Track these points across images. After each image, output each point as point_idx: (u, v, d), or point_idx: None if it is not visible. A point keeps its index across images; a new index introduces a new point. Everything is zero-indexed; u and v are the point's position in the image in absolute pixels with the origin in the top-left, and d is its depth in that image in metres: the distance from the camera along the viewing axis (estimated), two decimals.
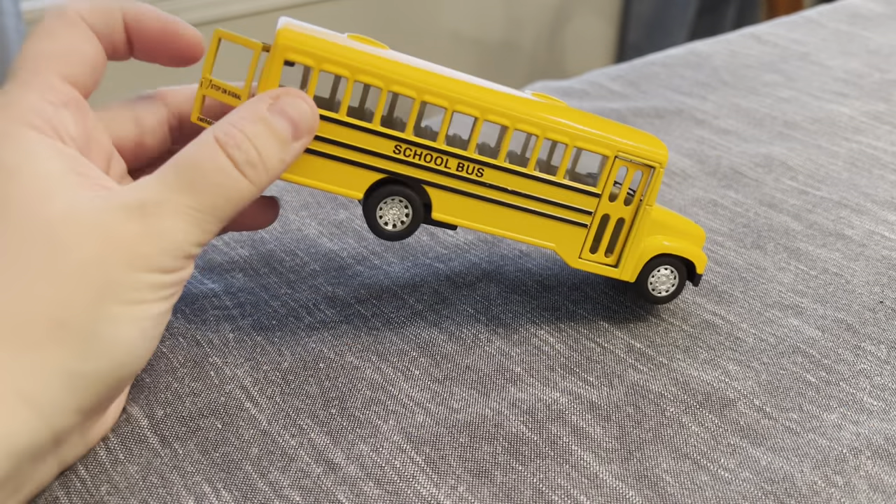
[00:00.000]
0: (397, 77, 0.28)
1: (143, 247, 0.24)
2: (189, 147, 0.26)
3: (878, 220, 0.42)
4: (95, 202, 0.24)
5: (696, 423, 0.30)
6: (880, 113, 0.53)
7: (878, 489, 0.27)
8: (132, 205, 0.24)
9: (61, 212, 0.24)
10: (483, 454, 0.28)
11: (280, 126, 0.26)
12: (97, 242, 0.24)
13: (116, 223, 0.24)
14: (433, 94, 0.29)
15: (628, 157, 0.31)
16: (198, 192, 0.25)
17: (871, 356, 0.33)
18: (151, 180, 0.25)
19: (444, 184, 0.30)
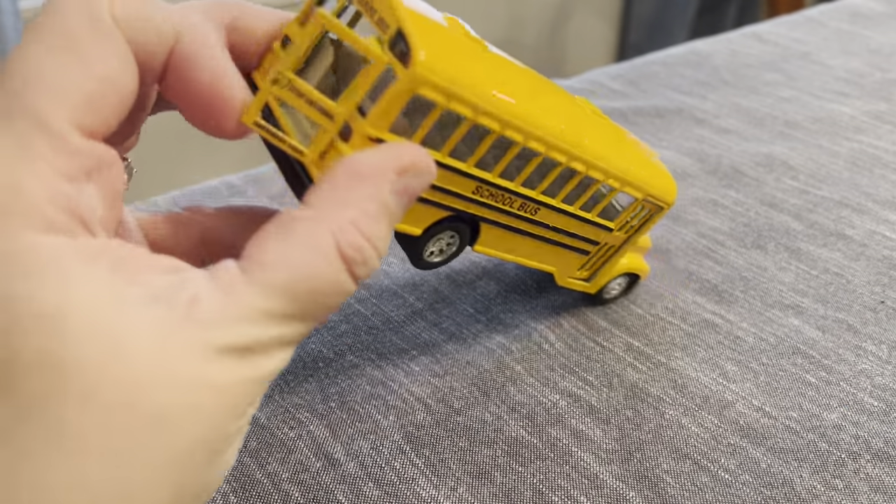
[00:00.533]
0: (515, 122, 0.24)
1: (250, 396, 0.19)
2: (304, 259, 0.19)
3: (880, 219, 0.42)
4: (187, 347, 0.17)
5: (695, 424, 0.30)
6: (881, 112, 0.53)
7: (878, 491, 0.27)
8: (238, 347, 0.18)
9: (147, 373, 0.17)
10: (483, 457, 0.28)
11: (401, 208, 0.21)
12: (206, 411, 0.18)
13: (223, 376, 0.18)
14: (538, 139, 0.25)
15: (653, 199, 0.31)
16: (311, 318, 0.19)
17: (871, 356, 0.33)
18: (254, 303, 0.18)
19: (501, 221, 0.28)
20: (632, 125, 0.52)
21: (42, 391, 0.16)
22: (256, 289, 0.18)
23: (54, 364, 0.16)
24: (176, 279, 0.18)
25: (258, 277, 0.18)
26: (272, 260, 0.19)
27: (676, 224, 0.41)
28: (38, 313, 0.15)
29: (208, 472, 0.18)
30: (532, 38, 1.43)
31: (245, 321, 0.18)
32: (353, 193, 0.19)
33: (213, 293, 0.18)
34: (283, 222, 0.19)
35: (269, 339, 0.18)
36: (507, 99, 0.24)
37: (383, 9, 0.21)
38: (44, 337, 0.15)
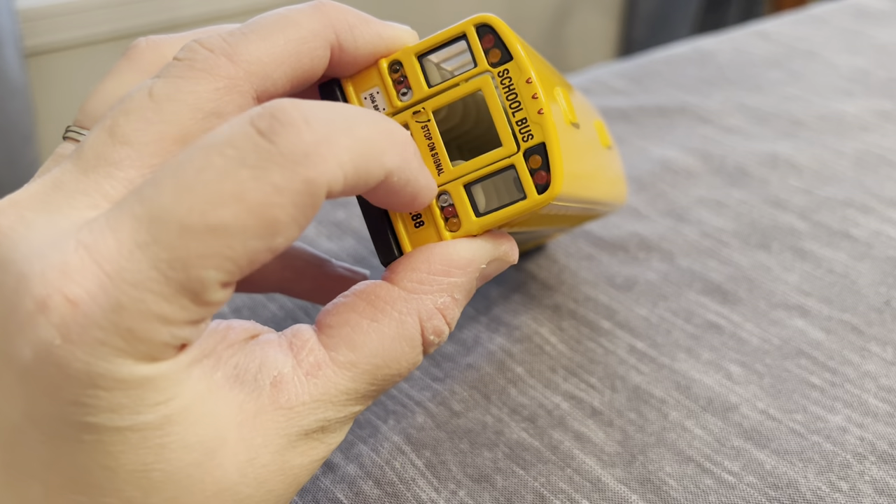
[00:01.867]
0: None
1: (315, 471, 0.20)
2: (387, 339, 0.19)
3: (885, 219, 0.42)
4: (271, 436, 0.17)
5: (699, 426, 0.29)
6: (887, 111, 0.52)
7: (883, 493, 0.27)
8: (314, 430, 0.18)
9: (233, 474, 0.17)
10: (484, 459, 0.28)
11: (473, 289, 0.21)
12: (276, 493, 0.18)
13: (299, 460, 0.18)
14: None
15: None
16: (380, 389, 0.19)
17: (877, 358, 0.33)
18: (335, 386, 0.18)
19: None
20: (635, 124, 0.52)
21: (133, 499, 0.16)
22: (344, 373, 0.18)
23: (148, 475, 0.16)
24: (256, 354, 0.18)
25: (347, 360, 0.18)
26: (362, 343, 0.18)
27: (680, 223, 0.41)
28: (143, 429, 0.16)
29: None
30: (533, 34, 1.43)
31: (328, 405, 0.18)
32: (448, 280, 0.20)
33: (298, 375, 0.18)
34: (372, 301, 0.19)
35: (344, 418, 0.19)
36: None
37: (532, 114, 0.19)
38: (144, 452, 0.16)
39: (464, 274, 0.20)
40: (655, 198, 0.43)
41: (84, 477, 0.16)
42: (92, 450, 0.16)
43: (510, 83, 0.20)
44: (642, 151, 0.48)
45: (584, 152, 0.24)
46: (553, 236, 0.36)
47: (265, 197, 0.15)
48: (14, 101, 0.86)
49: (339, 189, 0.16)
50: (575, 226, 0.34)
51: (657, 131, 0.51)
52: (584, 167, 0.22)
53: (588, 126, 0.25)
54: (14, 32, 0.85)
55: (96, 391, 0.15)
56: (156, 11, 1.00)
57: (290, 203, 0.15)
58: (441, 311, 0.19)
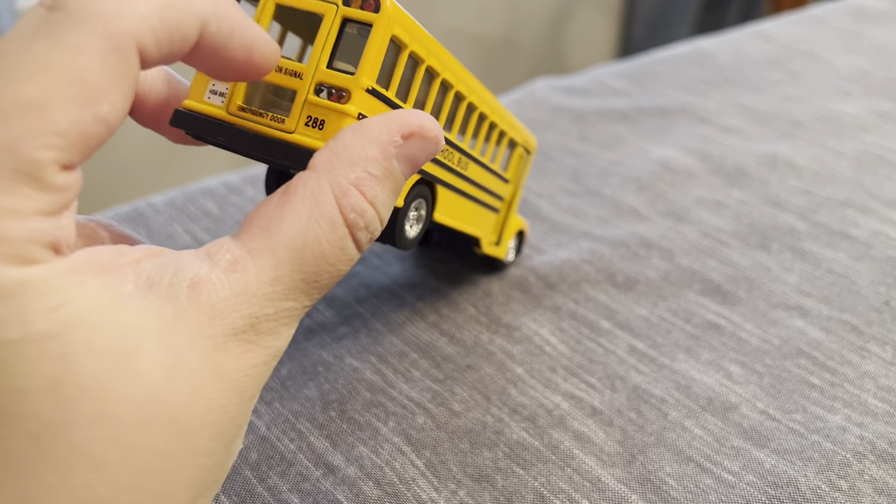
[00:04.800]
0: (449, 62, 0.24)
1: (260, 378, 0.18)
2: (307, 224, 0.18)
3: (884, 219, 0.42)
4: (196, 339, 0.17)
5: (699, 426, 0.29)
6: (886, 111, 0.53)
7: (882, 493, 0.27)
8: (243, 328, 0.17)
9: (157, 380, 0.16)
10: (484, 459, 0.28)
11: (404, 175, 0.20)
12: (219, 403, 0.17)
13: (234, 363, 0.17)
14: (462, 82, 0.26)
15: (526, 146, 0.34)
16: (316, 288, 0.18)
17: (876, 358, 0.33)
18: (260, 277, 0.17)
19: (449, 181, 0.27)
20: (635, 124, 0.52)
21: (51, 419, 0.15)
22: (262, 261, 0.17)
23: (60, 389, 0.15)
24: (169, 262, 0.17)
25: (264, 247, 0.17)
26: (276, 227, 0.18)
27: (680, 223, 0.41)
28: (39, 339, 0.15)
29: (224, 464, 0.18)
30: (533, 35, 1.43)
31: (253, 299, 0.17)
32: (359, 153, 0.19)
33: (216, 273, 0.17)
34: (287, 188, 0.18)
35: (276, 315, 0.18)
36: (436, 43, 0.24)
37: None
38: (47, 363, 0.15)
39: (377, 146, 0.19)
40: (655, 198, 0.43)
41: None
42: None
43: None
44: (642, 152, 0.48)
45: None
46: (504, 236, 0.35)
47: (69, 61, 0.15)
48: None
49: (151, 43, 0.16)
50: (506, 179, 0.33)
51: (657, 132, 0.51)
52: (413, 20, 0.23)
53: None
54: None
55: None
56: None
57: (99, 63, 0.15)
58: (357, 186, 0.18)
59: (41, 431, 0.15)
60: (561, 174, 0.46)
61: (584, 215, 0.42)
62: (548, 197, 0.44)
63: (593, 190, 0.44)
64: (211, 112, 0.21)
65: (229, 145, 0.22)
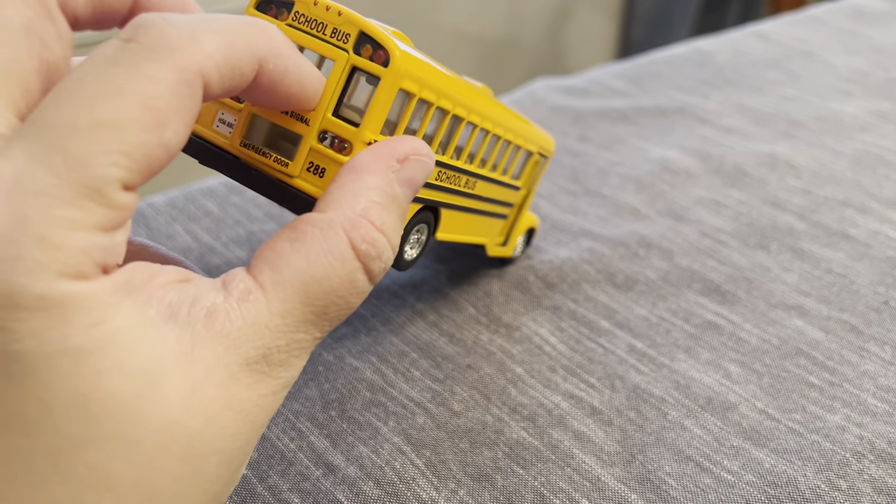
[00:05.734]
0: (459, 97, 0.25)
1: (270, 409, 0.18)
2: (317, 258, 0.18)
3: (883, 219, 0.42)
4: (212, 366, 0.17)
5: (698, 426, 0.30)
6: (885, 112, 0.53)
7: (881, 492, 0.27)
8: (256, 359, 0.18)
9: (176, 403, 0.16)
10: (484, 459, 0.28)
11: (406, 199, 0.20)
12: (231, 431, 0.17)
13: (246, 393, 0.18)
14: (473, 111, 0.26)
15: (540, 151, 0.33)
16: (327, 320, 0.19)
17: (875, 357, 0.33)
18: (271, 310, 0.18)
19: (455, 203, 0.27)
20: (634, 124, 0.52)
21: (73, 435, 0.15)
22: (272, 294, 0.18)
23: (86, 407, 0.15)
24: (189, 291, 0.17)
25: (272, 281, 0.18)
26: (286, 263, 0.18)
27: (680, 223, 0.41)
28: (75, 355, 0.15)
29: (227, 489, 0.18)
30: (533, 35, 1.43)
31: (265, 330, 0.18)
32: (360, 185, 0.19)
33: (229, 302, 0.17)
34: (296, 226, 0.19)
35: (287, 346, 0.18)
36: (447, 74, 0.24)
37: (336, 20, 0.21)
38: (79, 379, 0.15)
39: (375, 175, 0.20)
40: (655, 198, 0.43)
41: (20, 414, 0.15)
42: (23, 382, 0.15)
43: (309, 18, 0.22)
44: (642, 152, 0.48)
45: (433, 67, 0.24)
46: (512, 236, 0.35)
47: (143, 88, 0.16)
48: None
49: (215, 78, 0.17)
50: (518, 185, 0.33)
51: (656, 132, 0.51)
52: (425, 63, 0.23)
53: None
54: None
55: (18, 313, 0.15)
56: None
57: (168, 92, 0.16)
58: (364, 216, 0.19)
59: (61, 447, 0.15)
60: (560, 174, 0.46)
61: (583, 214, 0.42)
62: (547, 197, 0.44)
63: (593, 190, 0.44)
64: (219, 142, 0.22)
65: (233, 176, 0.22)
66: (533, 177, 0.34)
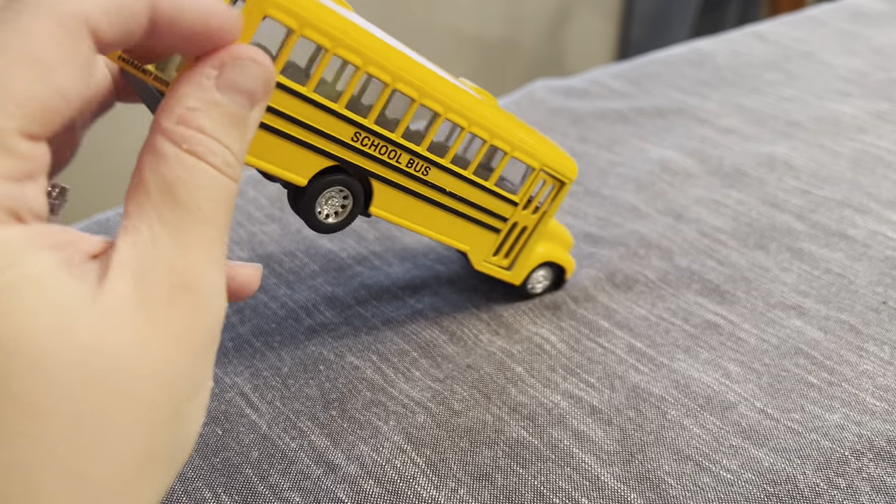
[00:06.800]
0: (378, 58, 0.25)
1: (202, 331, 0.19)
2: (159, 168, 0.19)
3: (882, 219, 0.42)
4: (124, 298, 0.18)
5: (697, 425, 0.30)
6: (883, 112, 0.53)
7: (880, 491, 0.27)
8: (162, 277, 0.19)
9: (89, 334, 0.17)
10: (483, 458, 0.28)
11: (237, 105, 0.21)
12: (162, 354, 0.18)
13: (165, 312, 0.18)
14: (406, 83, 0.26)
15: (550, 171, 0.32)
16: (205, 211, 0.20)
17: (874, 357, 0.33)
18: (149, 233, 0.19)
19: (391, 178, 0.28)
20: (633, 125, 0.52)
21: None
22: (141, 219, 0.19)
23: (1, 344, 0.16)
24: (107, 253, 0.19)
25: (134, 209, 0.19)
26: (137, 183, 0.19)
27: (679, 223, 0.41)
28: None
29: (178, 429, 0.19)
30: (532, 37, 1.43)
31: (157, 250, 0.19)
32: (172, 97, 0.20)
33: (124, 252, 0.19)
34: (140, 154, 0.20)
35: (185, 257, 0.19)
36: (373, 34, 0.25)
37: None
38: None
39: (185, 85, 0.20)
40: (654, 198, 0.44)
41: None
42: None
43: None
44: (641, 152, 0.48)
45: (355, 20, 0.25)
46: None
47: (22, 42, 0.17)
48: None
49: (104, 23, 0.18)
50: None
51: (656, 132, 0.51)
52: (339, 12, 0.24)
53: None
54: None
55: None
56: None
57: (50, 42, 0.17)
58: (186, 123, 0.20)
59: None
60: None
61: (583, 215, 0.42)
62: None
63: (592, 190, 0.45)
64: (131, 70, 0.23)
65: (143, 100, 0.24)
66: (529, 195, 0.33)
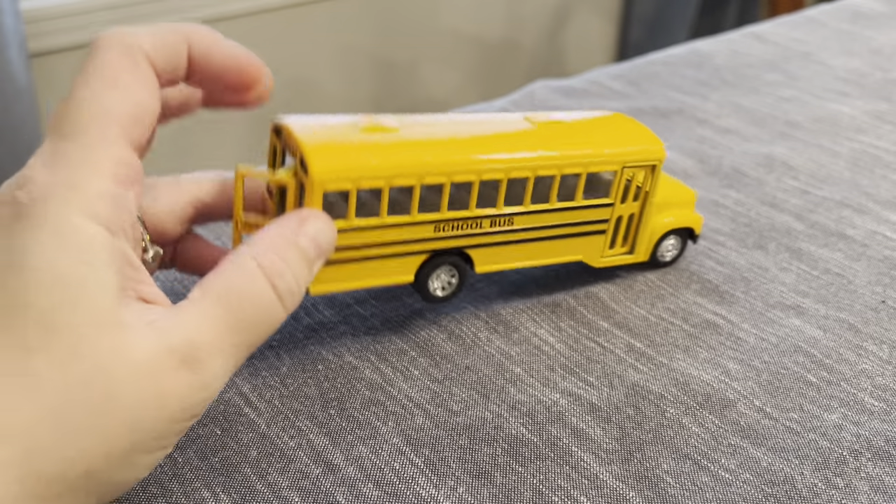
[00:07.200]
0: (428, 169, 0.29)
1: (190, 399, 0.22)
2: (232, 275, 0.24)
3: (880, 219, 0.42)
4: (147, 340, 0.22)
5: (696, 423, 0.30)
6: (882, 112, 0.53)
7: (879, 490, 0.27)
8: (183, 348, 0.22)
9: (113, 348, 0.21)
10: (483, 456, 0.28)
11: (310, 251, 0.26)
12: (148, 392, 0.21)
13: (168, 371, 0.22)
14: (462, 173, 0.29)
15: (633, 164, 0.34)
16: (245, 329, 0.23)
17: (872, 356, 0.33)
18: (197, 314, 0.23)
19: (482, 242, 0.32)
20: None
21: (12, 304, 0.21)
22: (197, 304, 0.23)
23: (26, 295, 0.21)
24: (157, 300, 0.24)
25: (198, 295, 0.23)
26: (209, 280, 0.24)
27: None
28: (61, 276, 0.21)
29: (120, 464, 0.22)
30: (532, 38, 1.43)
31: (186, 325, 0.22)
32: (270, 232, 0.25)
33: (168, 313, 0.23)
34: (222, 259, 0.24)
35: (208, 341, 0.23)
36: (417, 145, 0.29)
37: (292, 143, 0.28)
38: (37, 288, 0.21)
39: (282, 227, 0.26)
40: None
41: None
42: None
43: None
44: None
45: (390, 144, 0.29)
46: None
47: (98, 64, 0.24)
48: (19, 103, 0.86)
49: (152, 51, 0.24)
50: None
51: (655, 132, 0.51)
52: (377, 151, 0.28)
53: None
54: (18, 34, 0.85)
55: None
56: (159, 14, 1.00)
57: (115, 61, 0.24)
58: (272, 249, 0.25)
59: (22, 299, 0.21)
60: None
61: None
62: None
63: None
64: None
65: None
66: (633, 187, 0.34)
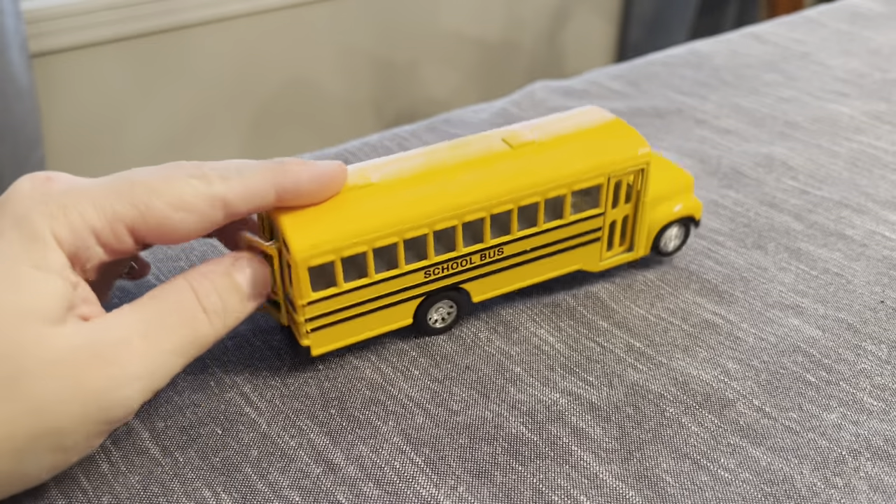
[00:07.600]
0: (409, 225, 0.30)
1: (106, 396, 0.24)
2: (163, 288, 0.27)
3: (879, 219, 0.42)
4: (66, 334, 0.24)
5: (695, 423, 0.30)
6: (881, 113, 0.53)
7: (878, 490, 0.27)
8: (99, 344, 0.24)
9: (30, 338, 0.23)
10: (483, 455, 0.28)
11: (241, 283, 0.28)
12: (60, 382, 0.23)
13: (83, 363, 0.24)
14: (442, 220, 0.30)
15: (619, 174, 0.33)
16: (168, 336, 0.26)
17: (871, 356, 0.33)
18: (120, 315, 0.26)
19: (474, 276, 0.32)
20: (632, 126, 0.52)
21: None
22: (124, 308, 0.26)
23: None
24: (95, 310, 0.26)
25: (127, 304, 0.26)
26: (147, 299, 0.27)
27: None
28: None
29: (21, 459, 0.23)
30: (531, 38, 1.43)
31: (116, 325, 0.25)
32: (207, 263, 0.28)
33: (96, 318, 0.25)
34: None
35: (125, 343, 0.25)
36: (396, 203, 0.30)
37: (276, 224, 0.29)
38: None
39: (218, 263, 0.28)
40: None
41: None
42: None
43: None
44: None
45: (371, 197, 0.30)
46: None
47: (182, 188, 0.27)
48: (20, 103, 0.86)
49: (236, 201, 0.27)
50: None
51: (654, 133, 0.51)
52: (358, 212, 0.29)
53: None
54: (19, 34, 0.85)
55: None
56: (160, 14, 1.00)
57: (199, 198, 0.27)
58: (204, 275, 0.28)
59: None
60: None
61: None
62: None
63: None
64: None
65: None
66: (611, 195, 0.34)
